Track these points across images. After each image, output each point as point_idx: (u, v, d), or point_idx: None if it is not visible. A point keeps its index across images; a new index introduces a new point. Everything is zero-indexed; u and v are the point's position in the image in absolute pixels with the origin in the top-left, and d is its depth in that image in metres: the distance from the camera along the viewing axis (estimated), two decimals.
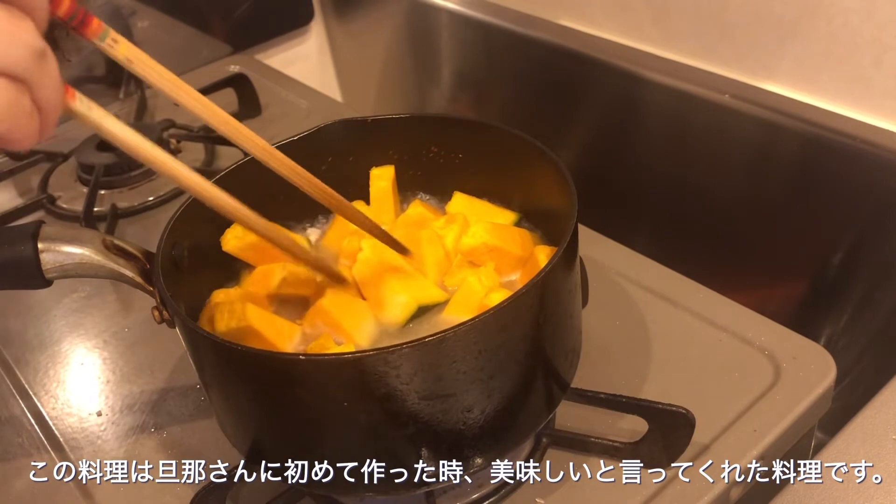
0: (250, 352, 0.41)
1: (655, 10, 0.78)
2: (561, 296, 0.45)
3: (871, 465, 0.45)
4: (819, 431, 0.59)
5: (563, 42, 0.85)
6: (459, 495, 0.49)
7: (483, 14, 0.92)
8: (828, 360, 0.54)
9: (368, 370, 0.38)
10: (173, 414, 0.58)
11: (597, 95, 0.85)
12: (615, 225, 0.70)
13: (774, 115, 0.70)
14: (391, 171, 0.58)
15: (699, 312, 0.60)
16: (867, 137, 0.65)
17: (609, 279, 0.64)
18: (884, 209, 0.65)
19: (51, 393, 0.61)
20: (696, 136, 0.77)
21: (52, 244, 0.46)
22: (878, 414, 0.48)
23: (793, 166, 0.70)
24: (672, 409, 0.46)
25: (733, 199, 0.76)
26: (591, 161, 0.89)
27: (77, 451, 0.56)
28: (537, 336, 0.43)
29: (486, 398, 0.42)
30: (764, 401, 0.52)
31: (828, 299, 0.72)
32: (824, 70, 0.67)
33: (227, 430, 0.49)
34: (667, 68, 0.77)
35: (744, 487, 0.48)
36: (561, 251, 0.42)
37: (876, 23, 0.62)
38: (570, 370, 0.49)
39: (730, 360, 0.55)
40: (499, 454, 0.45)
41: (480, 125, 0.55)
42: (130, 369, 0.63)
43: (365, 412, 0.41)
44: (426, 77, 1.06)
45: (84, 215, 0.78)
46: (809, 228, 0.71)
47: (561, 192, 0.48)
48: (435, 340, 0.38)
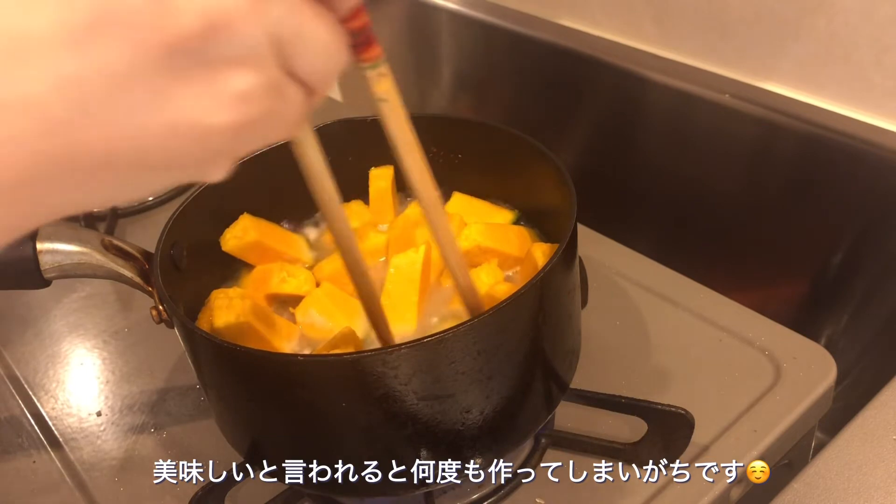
0: (248, 352, 0.41)
1: (655, 10, 0.78)
2: (560, 296, 0.45)
3: (872, 466, 0.45)
4: (819, 431, 0.59)
5: (563, 42, 0.85)
6: (459, 496, 0.49)
7: (483, 14, 0.92)
8: (828, 360, 0.54)
9: (367, 371, 0.38)
10: (173, 414, 0.58)
11: (597, 95, 0.85)
12: (615, 225, 0.70)
13: (774, 114, 0.69)
14: (391, 172, 0.58)
15: (699, 312, 0.59)
16: (867, 137, 0.64)
17: (609, 279, 0.64)
18: (884, 209, 0.65)
19: (51, 393, 0.61)
20: (696, 135, 0.77)
21: (51, 244, 0.46)
22: (878, 414, 0.48)
23: (793, 166, 0.70)
24: (671, 410, 0.46)
25: (733, 199, 0.76)
26: (591, 161, 0.89)
27: (77, 452, 0.56)
28: (536, 336, 0.43)
29: (485, 399, 0.42)
30: (764, 401, 0.52)
31: (828, 299, 0.72)
32: (824, 70, 0.67)
33: (226, 430, 0.49)
34: (667, 68, 0.77)
35: (744, 487, 0.48)
36: (560, 251, 0.42)
37: (876, 22, 0.62)
38: (570, 371, 0.48)
39: (730, 360, 0.55)
40: (498, 454, 0.45)
41: (480, 125, 0.55)
42: (130, 369, 0.62)
43: (364, 413, 0.41)
44: (426, 77, 1.06)
45: (83, 215, 0.78)
46: (809, 228, 0.70)
47: (560, 192, 0.48)
48: (433, 341, 0.38)
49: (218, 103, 0.20)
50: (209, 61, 0.19)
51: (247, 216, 0.54)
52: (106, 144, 0.19)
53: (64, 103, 0.18)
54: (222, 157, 0.21)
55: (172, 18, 0.18)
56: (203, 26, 0.18)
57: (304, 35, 0.21)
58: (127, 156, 0.20)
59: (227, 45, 0.19)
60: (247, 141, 0.21)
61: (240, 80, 0.20)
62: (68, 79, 0.18)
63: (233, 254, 0.54)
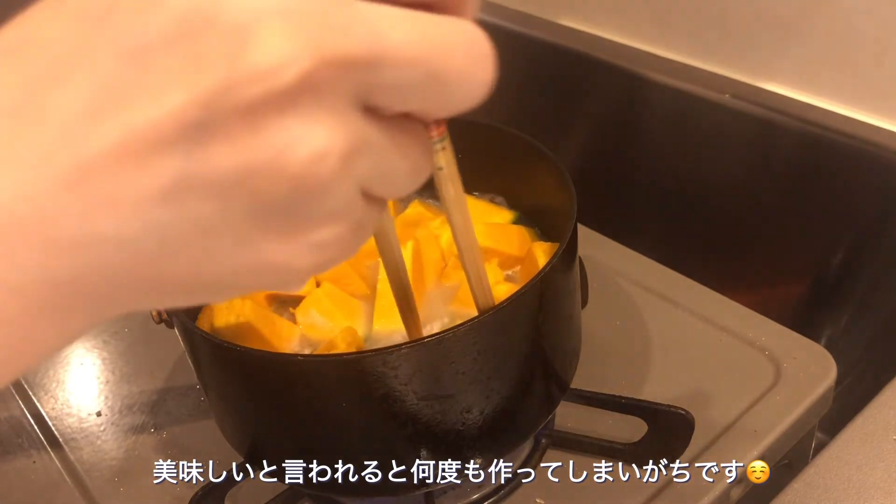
0: (248, 352, 0.41)
1: (655, 10, 0.78)
2: (560, 296, 0.45)
3: (871, 466, 0.45)
4: (819, 432, 0.59)
5: (563, 42, 0.85)
6: (459, 496, 0.49)
7: (483, 14, 0.92)
8: (828, 360, 0.54)
9: (367, 370, 0.38)
10: (173, 414, 0.58)
11: (597, 95, 0.85)
12: (615, 225, 0.70)
13: (774, 114, 0.69)
14: None
15: (699, 312, 0.59)
16: (867, 137, 0.64)
17: (609, 279, 0.64)
18: (884, 209, 0.65)
19: (50, 393, 0.61)
20: (696, 135, 0.77)
21: None
22: (878, 414, 0.48)
23: (793, 166, 0.70)
24: (671, 410, 0.46)
25: (733, 199, 0.76)
26: (591, 161, 0.89)
27: (77, 452, 0.56)
28: (536, 337, 0.43)
29: (485, 399, 0.42)
30: (764, 401, 0.52)
31: (828, 299, 0.72)
32: (824, 70, 0.67)
33: (226, 430, 0.49)
34: (667, 68, 0.77)
35: (744, 487, 0.48)
36: (560, 251, 0.42)
37: (876, 22, 0.62)
38: (570, 371, 0.48)
39: (730, 360, 0.55)
40: (498, 455, 0.45)
41: (480, 125, 0.55)
42: (130, 369, 0.62)
43: (364, 413, 0.41)
44: None
45: None
46: (809, 228, 0.70)
47: (560, 192, 0.48)
48: (433, 341, 0.38)
49: (301, 251, 0.20)
50: (298, 219, 0.19)
51: None
52: (187, 276, 0.20)
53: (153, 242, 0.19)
54: (301, 282, 0.22)
55: (265, 183, 0.18)
56: (293, 189, 0.18)
57: (392, 173, 0.21)
58: (206, 285, 0.20)
59: (317, 206, 0.19)
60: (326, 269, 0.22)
61: (324, 233, 0.20)
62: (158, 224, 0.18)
63: None
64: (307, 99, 0.18)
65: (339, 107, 0.18)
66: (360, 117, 0.19)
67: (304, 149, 0.18)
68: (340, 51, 0.18)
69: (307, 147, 0.18)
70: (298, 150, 0.18)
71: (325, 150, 0.18)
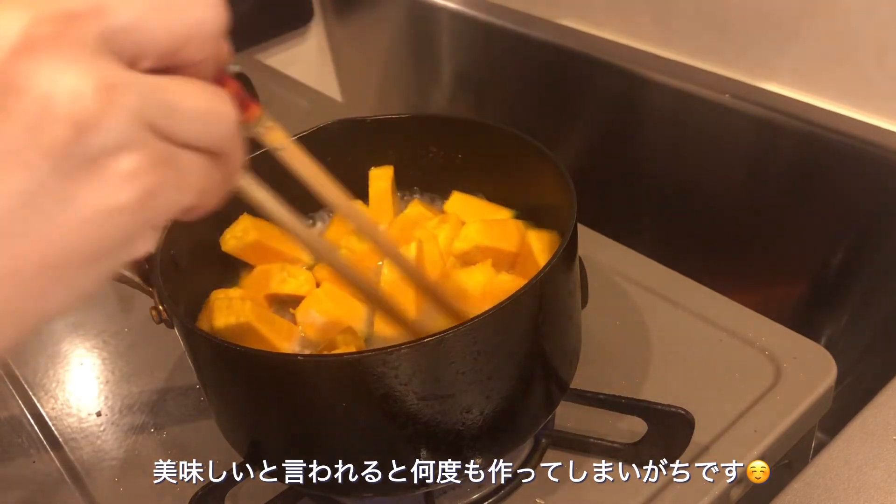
0: (248, 352, 0.41)
1: (655, 10, 0.78)
2: (560, 296, 0.45)
3: (871, 466, 0.45)
4: (819, 432, 0.59)
5: (563, 42, 0.85)
6: (459, 496, 0.49)
7: (483, 14, 0.92)
8: (828, 360, 0.54)
9: (367, 370, 0.38)
10: (173, 414, 0.58)
11: (597, 95, 0.85)
12: (615, 225, 0.70)
13: (774, 114, 0.69)
14: (390, 172, 0.58)
15: (699, 312, 0.59)
16: (868, 137, 0.64)
17: (609, 279, 0.64)
18: (884, 209, 0.65)
19: (50, 393, 0.61)
20: (696, 135, 0.77)
21: None
22: (878, 414, 0.48)
23: (793, 166, 0.70)
24: (671, 410, 0.46)
25: (733, 199, 0.76)
26: (591, 161, 0.89)
27: (77, 452, 0.56)
28: (536, 337, 0.43)
29: (485, 399, 0.42)
30: (764, 401, 0.52)
31: (828, 299, 0.72)
32: (824, 70, 0.67)
33: (226, 430, 0.49)
34: (667, 68, 0.77)
35: (744, 487, 0.48)
36: (560, 251, 0.42)
37: (877, 22, 0.62)
38: (570, 371, 0.48)
39: (730, 360, 0.55)
40: (498, 455, 0.45)
41: (480, 125, 0.55)
42: (130, 369, 0.62)
43: (364, 413, 0.41)
44: (426, 77, 1.06)
45: None
46: (809, 228, 0.71)
47: (560, 192, 0.48)
48: (433, 341, 0.38)
49: (112, 187, 0.22)
50: (92, 157, 0.21)
51: (247, 216, 0.54)
52: (35, 251, 0.22)
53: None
54: (141, 229, 0.24)
55: (46, 132, 0.21)
56: (73, 130, 0.21)
57: (174, 107, 0.23)
58: (57, 256, 0.22)
59: (99, 138, 0.21)
60: (156, 210, 0.23)
61: (123, 163, 0.22)
62: None
63: (233, 254, 0.54)
64: (45, 54, 0.21)
65: (81, 55, 0.21)
66: (116, 64, 0.22)
67: (60, 92, 0.21)
68: (59, 9, 0.21)
69: (62, 89, 0.21)
70: (57, 95, 0.21)
71: (77, 88, 0.21)
